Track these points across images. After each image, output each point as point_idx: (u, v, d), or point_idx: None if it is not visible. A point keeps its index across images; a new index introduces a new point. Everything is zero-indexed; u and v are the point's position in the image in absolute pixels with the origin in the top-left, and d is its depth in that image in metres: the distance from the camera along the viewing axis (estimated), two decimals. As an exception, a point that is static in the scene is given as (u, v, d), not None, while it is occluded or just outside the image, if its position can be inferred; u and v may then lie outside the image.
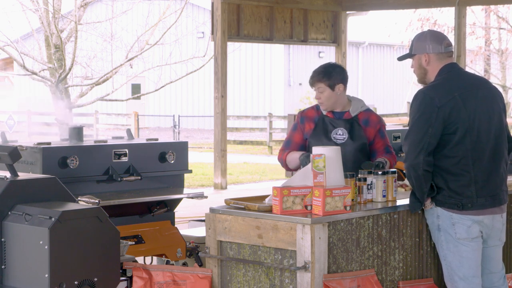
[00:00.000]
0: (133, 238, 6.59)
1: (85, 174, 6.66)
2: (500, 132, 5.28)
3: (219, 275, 5.24)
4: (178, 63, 20.29)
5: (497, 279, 5.40)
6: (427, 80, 5.36)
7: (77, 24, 18.08)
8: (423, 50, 5.31)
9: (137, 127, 26.52)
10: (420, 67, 5.35)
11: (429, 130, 5.10)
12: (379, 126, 5.98)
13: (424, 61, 5.32)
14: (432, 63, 5.31)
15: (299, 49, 33.38)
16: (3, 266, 4.76)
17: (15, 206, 4.75)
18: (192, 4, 31.52)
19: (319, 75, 5.90)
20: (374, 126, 5.97)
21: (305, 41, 14.35)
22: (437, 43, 5.30)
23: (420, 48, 5.32)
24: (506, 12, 29.34)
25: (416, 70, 5.38)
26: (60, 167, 6.47)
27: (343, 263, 4.99)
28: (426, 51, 5.30)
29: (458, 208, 5.16)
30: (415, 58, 5.37)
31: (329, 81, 5.88)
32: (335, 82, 5.89)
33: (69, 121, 7.41)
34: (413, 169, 5.14)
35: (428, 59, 5.31)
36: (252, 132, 28.44)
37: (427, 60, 5.31)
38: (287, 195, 4.93)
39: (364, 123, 5.95)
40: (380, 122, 6.01)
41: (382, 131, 6.00)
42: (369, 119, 5.97)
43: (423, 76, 5.37)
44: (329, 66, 5.95)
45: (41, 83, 19.45)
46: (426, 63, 5.32)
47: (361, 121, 5.95)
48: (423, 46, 5.31)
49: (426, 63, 5.32)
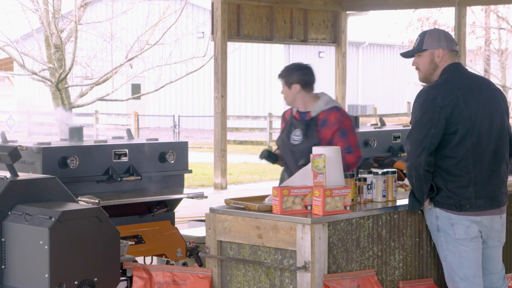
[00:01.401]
0: (133, 238, 6.59)
1: (85, 174, 6.66)
2: (501, 134, 5.26)
3: (219, 275, 5.24)
4: (178, 63, 20.29)
5: (497, 280, 5.40)
6: (433, 78, 5.29)
7: (77, 24, 18.08)
8: (437, 46, 5.25)
9: (137, 127, 26.52)
10: (431, 63, 5.27)
11: (431, 130, 5.09)
12: (337, 126, 6.03)
13: (437, 57, 5.25)
14: (444, 59, 5.25)
15: (299, 49, 33.38)
16: (3, 266, 4.76)
17: (15, 206, 4.75)
18: (192, 4, 31.52)
19: (280, 73, 6.22)
20: (331, 126, 6.04)
21: (305, 41, 14.35)
22: (450, 41, 5.28)
23: (433, 44, 5.25)
24: (506, 12, 29.35)
25: (425, 66, 5.29)
26: (60, 167, 6.47)
27: (343, 263, 4.99)
28: (440, 47, 5.26)
29: (456, 209, 5.16)
30: (425, 54, 5.28)
31: (286, 79, 6.16)
32: (292, 82, 6.13)
33: (69, 121, 7.42)
34: (414, 169, 5.12)
35: (442, 55, 5.24)
36: (252, 132, 28.44)
37: (440, 56, 5.24)
38: (287, 195, 4.93)
39: (322, 123, 6.06)
40: (339, 123, 6.03)
41: (343, 130, 6.04)
42: (327, 119, 6.06)
43: (431, 73, 5.29)
44: (292, 66, 6.22)
45: (41, 83, 19.45)
46: (439, 59, 5.25)
47: (319, 122, 6.06)
48: (437, 42, 5.25)
49: (439, 59, 5.25)
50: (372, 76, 37.55)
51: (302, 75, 6.15)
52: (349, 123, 6.08)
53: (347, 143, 6.02)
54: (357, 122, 9.11)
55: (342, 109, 6.16)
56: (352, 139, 6.06)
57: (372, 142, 8.65)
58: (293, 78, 6.14)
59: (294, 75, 6.14)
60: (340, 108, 6.15)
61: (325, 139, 6.02)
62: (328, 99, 6.19)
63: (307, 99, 6.18)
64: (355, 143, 6.08)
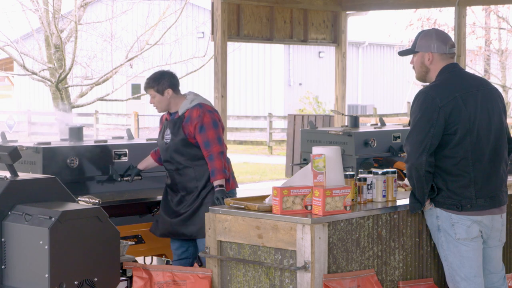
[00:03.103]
0: (133, 238, 6.59)
1: (85, 174, 6.66)
2: (500, 133, 5.27)
3: (219, 275, 5.24)
4: (178, 63, 20.27)
5: (497, 280, 5.40)
6: (428, 79, 5.35)
7: (77, 24, 18.07)
8: (427, 49, 5.28)
9: (137, 127, 26.51)
10: (422, 65, 5.32)
11: (431, 130, 5.09)
12: (197, 122, 6.38)
13: (427, 60, 5.29)
14: (435, 62, 5.29)
15: (299, 49, 33.37)
16: (3, 266, 4.76)
17: (15, 206, 4.75)
18: (192, 4, 31.51)
19: (148, 83, 6.51)
20: (192, 122, 6.41)
21: (305, 41, 14.34)
22: (442, 43, 5.28)
23: (424, 46, 5.29)
24: (506, 12, 29.33)
25: (418, 68, 5.35)
26: (60, 167, 6.47)
27: (343, 263, 4.99)
28: (430, 50, 5.28)
29: (457, 208, 5.16)
30: (417, 55, 5.33)
31: (157, 87, 6.46)
32: (164, 88, 6.47)
33: (69, 121, 7.42)
34: (415, 170, 5.12)
35: (432, 58, 5.28)
36: (252, 132, 28.43)
37: (431, 59, 5.28)
38: (287, 195, 4.93)
39: (186, 120, 6.45)
40: (198, 119, 6.39)
41: (202, 127, 6.39)
42: (190, 115, 6.44)
43: (424, 74, 5.35)
44: (158, 74, 6.52)
45: (41, 83, 19.44)
46: (429, 62, 5.29)
47: (185, 119, 6.46)
48: (428, 44, 5.28)
49: (429, 62, 5.29)
50: (372, 76, 37.54)
51: (171, 79, 6.52)
52: (208, 119, 6.41)
53: (206, 138, 6.37)
54: (357, 122, 9.11)
55: (205, 105, 6.49)
56: (210, 134, 6.39)
57: (372, 142, 8.65)
58: (164, 85, 6.48)
59: (164, 81, 6.48)
60: (203, 104, 6.49)
61: (190, 134, 6.42)
62: (193, 97, 6.54)
63: (178, 100, 6.54)
64: (214, 137, 6.40)
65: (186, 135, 6.41)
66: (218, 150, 6.38)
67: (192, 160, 6.43)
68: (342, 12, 13.63)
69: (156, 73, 6.55)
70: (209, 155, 6.36)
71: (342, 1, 13.16)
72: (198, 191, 6.42)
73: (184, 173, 6.45)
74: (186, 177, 6.45)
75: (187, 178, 6.45)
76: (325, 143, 8.53)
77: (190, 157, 6.43)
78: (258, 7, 13.67)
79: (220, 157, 6.38)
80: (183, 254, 6.57)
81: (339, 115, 11.57)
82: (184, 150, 6.43)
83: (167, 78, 6.50)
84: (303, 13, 14.05)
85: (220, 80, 12.92)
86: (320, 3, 13.58)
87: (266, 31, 13.85)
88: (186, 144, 6.42)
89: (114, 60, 20.56)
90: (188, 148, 6.43)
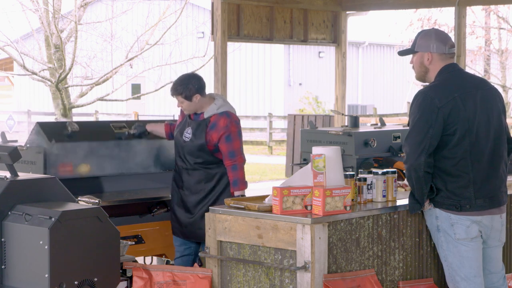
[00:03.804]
0: (133, 238, 6.59)
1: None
2: (499, 133, 5.27)
3: (219, 275, 5.24)
4: (178, 63, 20.28)
5: (497, 280, 5.40)
6: (427, 79, 5.35)
7: (77, 24, 18.08)
8: (426, 49, 5.28)
9: (137, 127, 26.46)
10: (421, 65, 5.32)
11: (430, 131, 5.09)
12: (224, 132, 6.36)
13: (426, 60, 5.29)
14: (434, 62, 5.29)
15: (299, 49, 33.36)
16: (3, 266, 4.76)
17: (15, 206, 4.75)
18: (192, 4, 31.50)
19: (176, 90, 6.43)
20: (219, 131, 6.38)
21: (305, 41, 14.34)
22: (442, 43, 5.28)
23: (424, 46, 5.29)
24: (506, 12, 29.33)
25: (417, 68, 5.35)
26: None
27: (343, 263, 4.99)
28: (430, 50, 5.27)
29: (456, 209, 5.16)
30: (417, 55, 5.32)
31: (184, 94, 6.39)
32: (191, 94, 6.40)
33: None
34: (414, 171, 5.12)
35: (431, 58, 5.28)
36: (252, 132, 28.44)
37: (430, 59, 5.28)
38: (287, 195, 4.93)
39: (211, 126, 6.39)
40: (226, 128, 6.37)
41: (229, 136, 6.38)
42: (217, 123, 6.40)
43: (423, 74, 5.35)
44: (184, 79, 6.46)
45: (41, 83, 19.45)
46: (429, 62, 5.29)
47: (210, 124, 6.39)
48: (427, 45, 5.28)
49: (428, 62, 5.29)
50: (372, 76, 37.53)
51: (198, 83, 6.44)
52: (235, 129, 6.43)
53: (231, 148, 6.37)
54: (357, 122, 9.10)
55: (232, 114, 6.47)
56: (236, 145, 6.41)
57: (372, 142, 8.64)
58: (192, 90, 6.42)
59: (191, 86, 6.41)
60: (230, 113, 6.46)
61: (212, 141, 6.38)
62: (222, 103, 6.50)
63: (204, 102, 6.48)
64: (238, 148, 6.43)
65: (206, 141, 6.39)
66: (242, 161, 6.43)
67: (203, 164, 6.43)
68: (342, 12, 13.63)
69: (183, 79, 6.47)
70: (233, 164, 6.39)
71: (342, 1, 13.16)
72: (205, 193, 6.43)
73: (193, 174, 6.46)
74: (194, 178, 6.45)
75: (195, 179, 6.45)
76: (325, 143, 8.52)
77: (203, 161, 6.43)
78: (258, 7, 13.67)
79: (243, 168, 6.45)
80: (186, 250, 6.58)
81: (339, 115, 11.56)
82: (200, 153, 6.43)
83: (194, 83, 6.43)
84: (303, 13, 14.05)
85: (220, 80, 12.93)
86: (320, 3, 13.58)
87: (266, 31, 13.85)
88: (204, 149, 6.41)
89: (114, 60, 20.57)
90: (204, 153, 6.42)
